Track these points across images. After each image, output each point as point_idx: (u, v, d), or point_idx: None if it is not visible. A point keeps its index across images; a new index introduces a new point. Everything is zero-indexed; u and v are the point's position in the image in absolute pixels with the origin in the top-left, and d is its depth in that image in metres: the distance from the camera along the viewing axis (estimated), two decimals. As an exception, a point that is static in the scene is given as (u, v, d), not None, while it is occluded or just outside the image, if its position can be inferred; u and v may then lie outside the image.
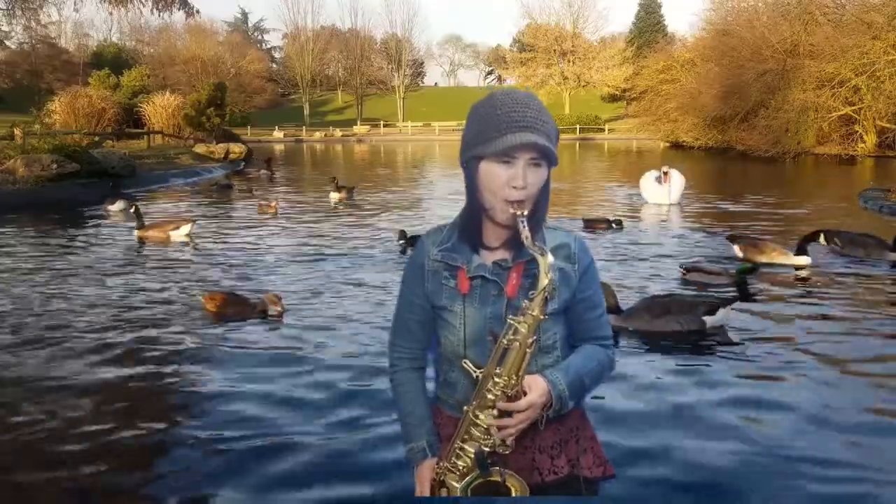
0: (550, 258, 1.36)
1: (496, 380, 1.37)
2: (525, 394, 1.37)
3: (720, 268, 6.57)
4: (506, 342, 1.38)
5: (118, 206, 12.07)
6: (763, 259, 6.98)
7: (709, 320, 4.90)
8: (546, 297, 1.36)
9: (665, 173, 12.03)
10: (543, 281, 1.35)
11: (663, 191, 12.15)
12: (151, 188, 16.74)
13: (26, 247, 8.81)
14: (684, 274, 6.52)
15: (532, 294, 1.38)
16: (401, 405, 1.60)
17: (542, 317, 1.37)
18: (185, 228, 9.25)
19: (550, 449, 1.52)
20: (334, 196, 13.14)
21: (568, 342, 1.54)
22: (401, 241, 8.02)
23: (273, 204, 11.71)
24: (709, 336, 4.86)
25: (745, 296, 5.87)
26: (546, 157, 1.40)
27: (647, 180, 12.61)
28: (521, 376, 1.37)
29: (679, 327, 4.84)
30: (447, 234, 1.54)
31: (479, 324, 1.47)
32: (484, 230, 1.48)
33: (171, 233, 9.11)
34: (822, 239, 7.29)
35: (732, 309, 5.09)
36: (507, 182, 1.38)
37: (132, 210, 9.48)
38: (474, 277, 1.48)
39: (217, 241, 9.14)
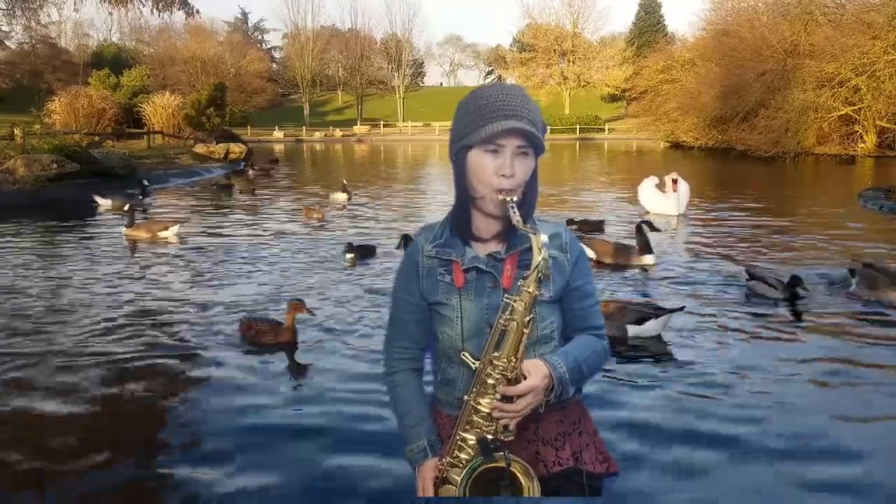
0: (543, 237, 1.38)
1: (495, 363, 1.38)
2: (525, 378, 1.37)
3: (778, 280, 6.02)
4: (503, 322, 1.39)
5: (106, 203, 12.29)
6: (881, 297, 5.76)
7: (632, 330, 4.68)
8: (540, 275, 1.37)
9: (674, 181, 10.71)
10: (537, 258, 1.36)
11: (670, 200, 10.81)
12: (151, 188, 16.71)
13: (26, 247, 8.80)
14: (747, 280, 6.05)
15: (526, 273, 1.39)
16: (399, 406, 1.58)
17: (537, 293, 1.38)
18: (174, 229, 9.20)
19: (554, 441, 1.51)
20: (342, 197, 13.01)
21: (563, 334, 1.55)
22: (349, 255, 7.42)
23: (319, 208, 11.06)
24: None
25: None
26: (533, 145, 1.42)
27: (647, 188, 11.32)
28: (520, 358, 1.38)
29: None
30: (439, 230, 1.55)
31: (476, 316, 1.47)
32: (475, 222, 1.50)
33: (159, 233, 9.06)
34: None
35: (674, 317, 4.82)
36: (495, 171, 1.41)
37: (125, 208, 9.44)
38: (469, 270, 1.48)
39: (213, 240, 9.13)
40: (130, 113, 33.60)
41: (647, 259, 7.17)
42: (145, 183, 13.51)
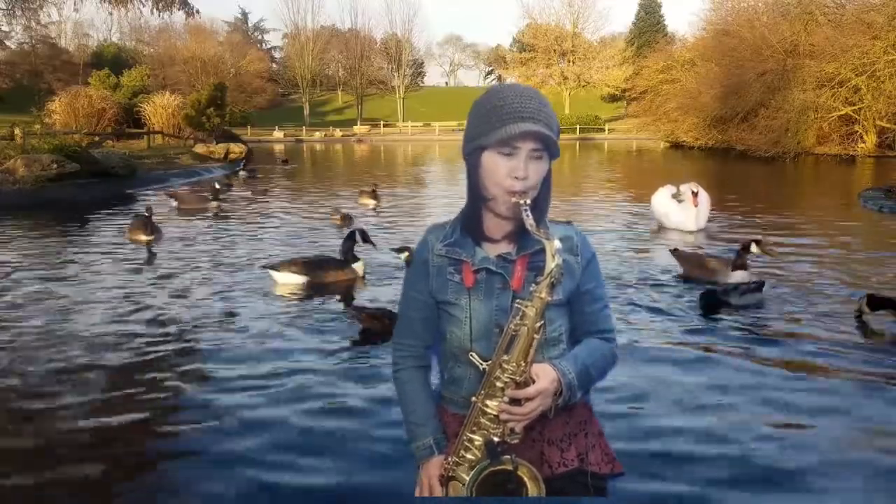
0: (557, 243, 1.37)
1: (504, 367, 1.38)
2: (534, 381, 1.37)
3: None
4: (513, 327, 1.38)
5: (174, 203, 12.43)
6: None
7: None
8: (553, 282, 1.37)
9: (694, 193, 9.33)
10: (550, 264, 1.36)
11: (688, 214, 9.38)
12: (151, 188, 16.73)
13: (26, 247, 8.80)
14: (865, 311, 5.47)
15: (539, 279, 1.38)
16: (405, 403, 1.60)
17: (548, 299, 1.37)
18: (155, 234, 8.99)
19: (560, 441, 1.51)
20: (370, 202, 12.67)
21: (571, 336, 1.54)
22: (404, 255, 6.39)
23: (342, 213, 10.60)
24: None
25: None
26: (547, 149, 1.41)
27: (663, 199, 9.78)
28: (530, 362, 1.37)
29: None
30: (450, 229, 1.54)
31: (485, 317, 1.47)
32: (486, 222, 1.49)
33: (143, 237, 8.91)
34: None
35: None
36: (508, 173, 1.40)
37: (145, 213, 9.16)
38: (479, 270, 1.48)
39: (214, 241, 9.12)
40: (130, 113, 33.60)
41: (738, 275, 6.25)
42: (217, 186, 13.19)
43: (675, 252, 7.00)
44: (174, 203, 12.47)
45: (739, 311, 5.46)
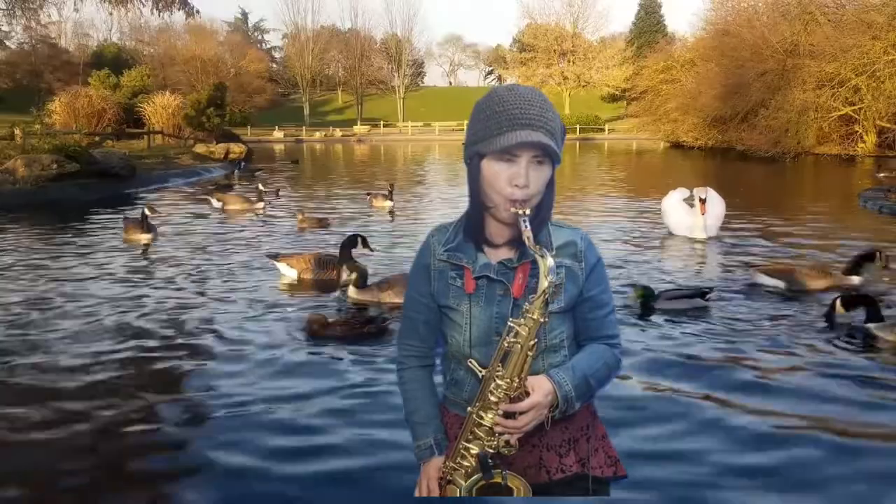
0: (550, 261, 1.33)
1: (498, 381, 1.36)
2: (528, 394, 1.35)
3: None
4: (507, 345, 1.36)
5: (218, 204, 12.24)
6: None
7: None
8: (546, 301, 1.34)
9: (702, 201, 8.63)
10: (543, 283, 1.33)
11: (698, 220, 8.70)
12: (151, 188, 16.73)
13: (26, 247, 8.79)
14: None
15: (533, 297, 1.36)
16: (408, 403, 1.59)
17: (542, 320, 1.35)
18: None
19: (559, 447, 1.50)
20: (388, 204, 12.46)
21: (575, 341, 1.53)
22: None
23: (305, 215, 10.30)
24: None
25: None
26: (548, 155, 1.38)
27: (674, 203, 9.13)
28: (524, 378, 1.36)
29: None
30: (452, 233, 1.52)
31: (485, 324, 1.45)
32: (488, 228, 1.47)
33: (142, 235, 8.90)
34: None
35: None
36: (508, 180, 1.36)
37: (146, 213, 9.12)
38: (479, 277, 1.46)
39: (214, 240, 9.11)
40: (130, 113, 33.58)
41: (856, 280, 6.16)
42: (261, 188, 12.86)
43: (761, 269, 6.39)
44: (218, 205, 12.28)
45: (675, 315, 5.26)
